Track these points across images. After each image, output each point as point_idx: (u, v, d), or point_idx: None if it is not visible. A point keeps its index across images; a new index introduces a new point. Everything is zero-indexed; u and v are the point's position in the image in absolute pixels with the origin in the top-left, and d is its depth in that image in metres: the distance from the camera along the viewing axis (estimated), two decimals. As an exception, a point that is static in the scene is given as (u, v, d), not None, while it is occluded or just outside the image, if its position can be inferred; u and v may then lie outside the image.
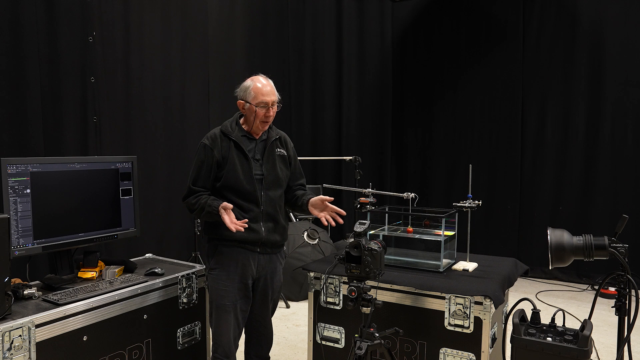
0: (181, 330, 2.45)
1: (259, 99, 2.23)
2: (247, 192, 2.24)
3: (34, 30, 3.14)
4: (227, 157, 2.24)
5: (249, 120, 2.30)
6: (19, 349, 1.77)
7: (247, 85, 2.27)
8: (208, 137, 2.30)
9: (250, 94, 2.24)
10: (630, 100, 4.69)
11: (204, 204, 2.19)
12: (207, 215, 2.20)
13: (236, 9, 5.06)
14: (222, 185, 2.24)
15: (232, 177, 2.23)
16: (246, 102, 2.26)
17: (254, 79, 2.29)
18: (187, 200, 2.26)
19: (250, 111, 2.26)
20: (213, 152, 2.25)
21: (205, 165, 2.25)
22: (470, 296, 2.13)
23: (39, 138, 3.19)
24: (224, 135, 2.29)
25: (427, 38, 5.75)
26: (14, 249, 2.08)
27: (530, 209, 5.20)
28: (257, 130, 2.31)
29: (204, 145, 2.28)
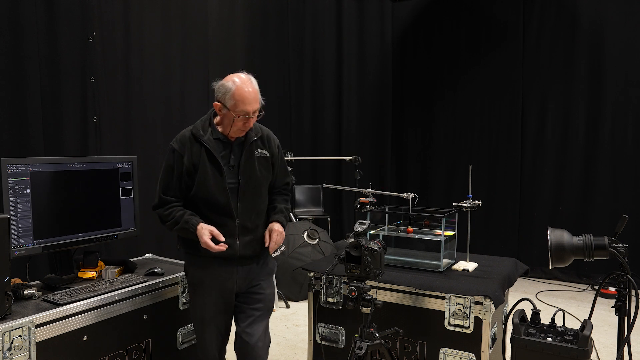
0: (181, 330, 2.44)
1: (239, 107, 1.97)
2: (220, 204, 2.03)
3: (34, 30, 3.14)
4: (198, 164, 2.01)
5: (225, 125, 2.05)
6: (19, 349, 1.77)
7: (228, 88, 2.00)
8: (177, 140, 2.07)
9: (230, 100, 1.98)
10: (630, 100, 4.69)
11: (178, 218, 2.00)
12: (182, 232, 2.02)
13: (236, 9, 5.06)
14: (194, 196, 2.04)
15: (203, 188, 2.01)
16: (224, 107, 2.00)
17: (236, 81, 2.01)
18: (159, 212, 2.07)
19: (227, 117, 2.01)
20: (182, 158, 2.02)
21: (175, 173, 2.04)
22: (470, 296, 2.13)
23: (39, 138, 3.19)
24: (195, 138, 2.04)
25: (427, 38, 5.75)
26: (14, 249, 2.08)
27: (530, 209, 5.20)
28: (229, 134, 2.07)
29: (172, 149, 2.06)
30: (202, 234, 1.96)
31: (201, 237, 1.95)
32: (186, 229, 1.99)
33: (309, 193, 5.82)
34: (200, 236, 1.96)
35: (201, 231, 1.97)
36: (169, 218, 2.04)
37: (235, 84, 2.00)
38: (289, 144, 6.08)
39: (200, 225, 1.98)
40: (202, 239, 1.95)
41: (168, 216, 2.04)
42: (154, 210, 2.10)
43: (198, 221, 1.99)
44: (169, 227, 2.05)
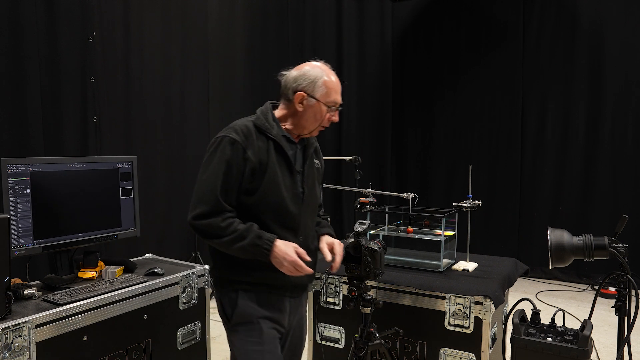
0: (181, 330, 2.44)
1: (331, 97, 1.69)
2: (290, 215, 1.66)
3: (34, 31, 3.14)
4: (266, 163, 1.62)
5: (302, 120, 1.71)
6: (19, 349, 1.77)
7: (317, 75, 1.68)
8: (237, 131, 1.64)
9: (321, 88, 1.67)
10: (630, 100, 4.69)
11: (244, 231, 1.54)
12: (247, 250, 1.55)
13: (236, 9, 5.06)
14: (257, 204, 1.61)
15: (274, 193, 1.62)
16: (310, 97, 1.67)
17: (323, 67, 1.71)
18: (211, 222, 1.56)
19: (313, 110, 1.69)
20: (246, 152, 1.61)
21: (235, 171, 1.60)
22: (470, 296, 2.13)
23: (39, 138, 3.19)
24: (260, 131, 1.67)
25: (427, 38, 5.75)
26: (14, 249, 2.08)
27: (530, 209, 5.20)
28: (304, 133, 1.75)
29: (231, 140, 1.61)
30: (288, 252, 1.55)
31: (286, 254, 1.54)
32: (258, 245, 1.54)
33: (309, 193, 5.80)
34: (284, 254, 1.54)
35: (284, 248, 1.55)
36: (229, 231, 1.55)
37: (324, 70, 1.70)
38: (289, 144, 6.07)
39: (277, 240, 1.57)
40: (288, 257, 1.54)
41: (226, 229, 1.55)
42: (197, 220, 1.58)
43: (273, 235, 1.58)
44: (225, 244, 1.56)
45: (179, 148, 4.35)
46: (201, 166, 1.67)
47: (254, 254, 1.56)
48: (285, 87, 1.72)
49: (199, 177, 1.66)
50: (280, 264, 1.56)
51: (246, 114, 1.84)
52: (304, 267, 1.55)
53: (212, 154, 1.65)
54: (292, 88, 1.70)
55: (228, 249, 1.59)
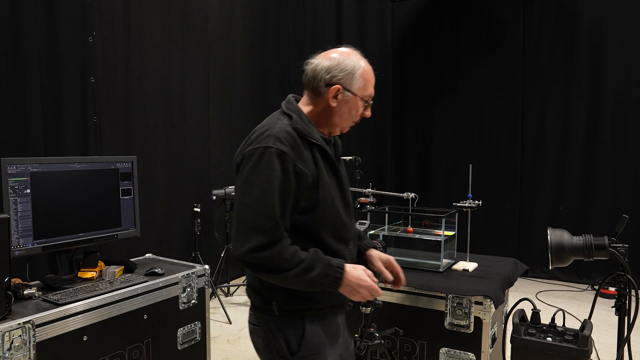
0: (181, 330, 2.44)
1: (368, 90, 1.48)
2: (345, 228, 1.47)
3: (34, 31, 3.14)
4: (317, 175, 1.39)
5: (334, 117, 1.47)
6: (19, 349, 1.77)
7: (354, 66, 1.46)
8: (281, 140, 1.35)
9: (359, 81, 1.45)
10: (630, 100, 4.69)
11: (312, 261, 1.32)
12: (316, 281, 1.32)
13: (236, 9, 5.07)
14: (313, 221, 1.39)
15: (330, 207, 1.41)
16: (347, 91, 1.44)
17: (358, 57, 1.49)
18: (270, 255, 1.29)
19: (348, 106, 1.46)
20: (297, 165, 1.35)
21: (288, 190, 1.34)
22: (470, 296, 2.13)
23: (39, 138, 3.19)
24: (301, 136, 1.40)
25: (427, 38, 5.75)
26: (14, 249, 2.08)
27: (530, 209, 5.20)
28: (335, 132, 1.53)
29: (279, 153, 1.33)
30: (361, 277, 1.36)
31: (360, 280, 1.36)
32: (328, 275, 1.32)
33: (309, 193, 5.81)
34: (357, 280, 1.35)
35: (356, 273, 1.36)
36: (293, 263, 1.30)
37: (360, 59, 1.48)
38: (289, 144, 6.07)
39: (347, 265, 1.37)
40: (363, 282, 1.36)
41: (290, 260, 1.30)
42: (254, 253, 1.29)
43: (340, 260, 1.38)
44: (290, 278, 1.31)
45: (179, 148, 4.35)
46: (240, 185, 1.37)
47: (323, 285, 1.33)
48: (315, 78, 1.45)
49: (242, 200, 1.34)
50: (354, 292, 1.35)
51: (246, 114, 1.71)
52: (379, 289, 1.39)
53: (255, 170, 1.33)
54: (324, 80, 1.44)
55: (292, 282, 1.33)
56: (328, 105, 1.46)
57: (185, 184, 4.43)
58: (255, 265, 1.32)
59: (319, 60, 1.47)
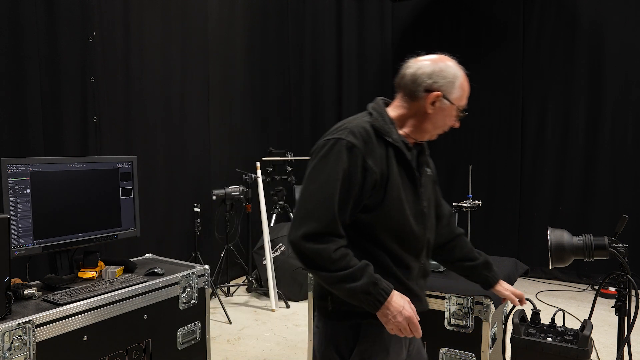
0: (181, 330, 2.44)
1: (463, 101, 1.49)
2: (414, 237, 1.41)
3: (34, 31, 3.14)
4: (387, 175, 1.36)
5: (427, 124, 1.46)
6: (19, 349, 1.77)
7: (455, 75, 1.44)
8: (354, 133, 1.35)
9: (458, 90, 1.45)
10: (630, 100, 4.69)
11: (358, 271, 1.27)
12: (353, 295, 1.28)
13: (236, 9, 5.07)
14: (375, 222, 1.35)
15: (397, 211, 1.36)
16: (445, 99, 1.42)
17: (457, 66, 1.47)
18: (320, 249, 1.27)
19: (444, 114, 1.45)
20: (367, 161, 1.32)
21: (353, 184, 1.31)
22: (470, 296, 2.13)
23: (39, 138, 3.19)
24: (378, 135, 1.39)
25: (427, 38, 5.75)
26: (14, 249, 2.08)
27: (530, 209, 5.20)
28: (423, 139, 1.51)
29: (349, 145, 1.32)
30: (405, 306, 1.31)
31: (403, 309, 1.30)
32: (370, 293, 1.27)
33: (309, 193, 5.81)
34: (400, 307, 1.30)
35: (401, 301, 1.31)
36: (340, 266, 1.27)
37: (460, 68, 1.47)
38: (289, 144, 6.08)
39: (394, 291, 1.32)
40: (406, 312, 1.30)
41: (338, 262, 1.27)
42: (308, 241, 1.28)
43: (390, 285, 1.32)
44: (331, 280, 1.28)
45: (179, 148, 4.35)
46: (307, 173, 1.36)
47: (361, 301, 1.28)
48: (414, 82, 1.41)
49: (307, 186, 1.34)
50: (392, 321, 1.29)
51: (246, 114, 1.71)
52: (419, 327, 1.32)
53: (323, 160, 1.33)
54: (424, 85, 1.40)
55: (334, 286, 1.29)
56: (423, 111, 1.44)
57: (185, 184, 4.43)
58: (303, 254, 1.29)
59: (419, 64, 1.44)
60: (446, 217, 1.73)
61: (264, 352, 3.32)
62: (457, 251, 1.70)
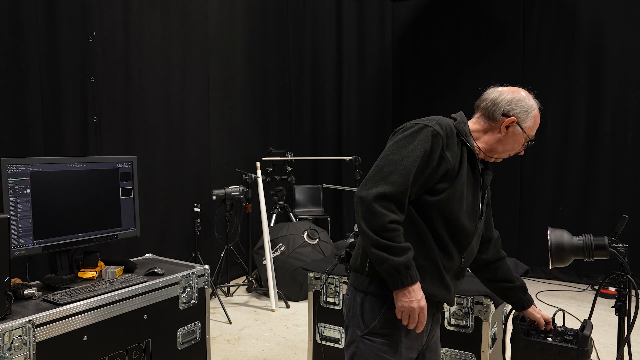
0: (181, 330, 2.44)
1: (533, 131, 1.61)
2: (462, 231, 1.51)
3: (34, 31, 3.14)
4: (457, 169, 1.49)
5: (499, 145, 1.60)
6: (19, 349, 1.77)
7: (531, 106, 1.59)
8: (441, 125, 1.49)
9: (531, 121, 1.59)
10: (630, 100, 4.69)
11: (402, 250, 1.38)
12: (382, 265, 1.39)
13: (236, 9, 5.07)
14: (434, 206, 1.46)
15: (456, 202, 1.48)
16: (518, 125, 1.57)
17: (534, 100, 1.62)
18: (382, 213, 1.37)
19: (514, 139, 1.59)
20: (445, 151, 1.46)
21: (430, 164, 1.44)
22: (470, 296, 2.13)
23: (39, 138, 3.19)
24: (458, 135, 1.54)
25: (427, 38, 5.75)
26: (14, 249, 2.08)
27: (530, 209, 5.20)
28: (492, 157, 1.64)
29: (434, 132, 1.45)
30: (419, 296, 1.41)
31: (421, 300, 1.41)
32: (399, 272, 1.37)
33: (309, 193, 5.82)
34: (418, 298, 1.40)
35: (420, 294, 1.41)
36: (390, 237, 1.37)
37: (536, 103, 1.62)
38: (289, 144, 6.08)
39: (418, 283, 1.42)
40: (422, 302, 1.41)
41: (390, 232, 1.37)
42: (379, 201, 1.37)
43: (418, 276, 1.42)
44: (373, 242, 1.38)
45: (179, 148, 4.35)
46: (389, 145, 1.48)
47: (387, 274, 1.39)
48: (495, 105, 1.60)
49: (386, 155, 1.45)
50: (407, 305, 1.40)
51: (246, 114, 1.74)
52: (424, 322, 1.44)
53: (408, 137, 1.45)
54: (503, 110, 1.58)
55: (372, 247, 1.38)
56: (496, 132, 1.60)
57: (185, 184, 4.43)
58: (367, 210, 1.37)
59: (501, 91, 1.62)
60: (494, 239, 1.85)
61: (264, 352, 3.32)
62: (499, 272, 1.81)
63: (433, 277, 1.49)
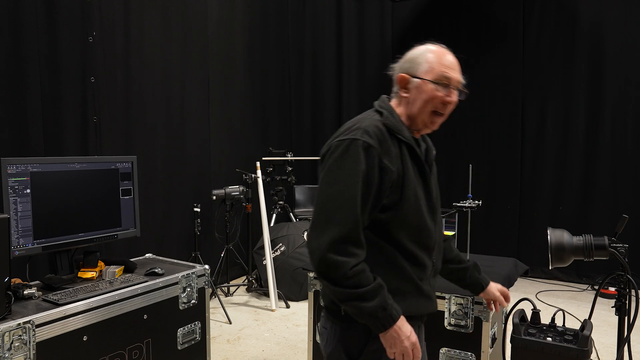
0: (181, 330, 2.44)
1: (437, 70, 1.39)
2: (428, 234, 1.40)
3: (34, 31, 3.14)
4: (403, 173, 1.34)
5: (411, 109, 1.41)
6: (19, 349, 1.76)
7: (419, 53, 1.44)
8: (369, 133, 1.31)
9: (424, 65, 1.40)
10: (630, 100, 4.69)
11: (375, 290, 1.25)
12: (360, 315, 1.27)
13: (236, 9, 5.07)
14: (393, 221, 1.33)
15: (415, 208, 1.35)
16: (413, 77, 1.40)
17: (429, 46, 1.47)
18: (340, 263, 1.23)
19: (418, 91, 1.39)
20: (383, 161, 1.30)
21: (372, 185, 1.29)
22: (470, 296, 2.13)
23: (39, 138, 3.19)
24: (391, 133, 1.36)
25: (427, 38, 5.72)
26: (14, 249, 2.08)
27: (530, 209, 5.20)
28: (421, 128, 1.45)
29: (365, 146, 1.29)
30: (412, 332, 1.30)
31: (411, 335, 1.30)
32: (377, 317, 1.25)
33: (309, 193, 5.82)
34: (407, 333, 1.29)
35: (407, 327, 1.30)
36: (355, 283, 1.25)
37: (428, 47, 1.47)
38: (289, 144, 6.08)
39: (402, 317, 1.30)
40: (413, 337, 1.30)
41: (354, 278, 1.24)
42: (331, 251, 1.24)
43: (399, 310, 1.30)
44: (341, 295, 1.26)
45: (179, 148, 4.35)
46: (323, 175, 1.32)
47: (367, 321, 1.27)
48: (393, 77, 1.46)
49: (324, 189, 1.30)
50: (395, 343, 1.28)
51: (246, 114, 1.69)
52: (420, 353, 1.32)
53: (340, 161, 1.29)
54: (395, 76, 1.45)
55: (341, 301, 1.27)
56: (402, 98, 1.44)
57: (185, 184, 4.43)
58: (322, 264, 1.25)
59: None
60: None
61: (264, 352, 3.32)
62: (447, 253, 1.68)
63: (412, 294, 1.38)
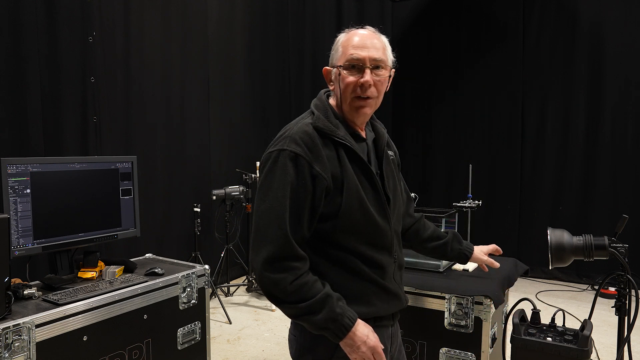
0: (181, 330, 2.44)
1: (347, 55, 1.31)
2: (382, 233, 1.35)
3: (34, 31, 3.14)
4: (341, 176, 1.28)
5: (339, 103, 1.37)
6: (19, 349, 1.77)
7: (336, 42, 1.38)
8: (296, 141, 1.26)
9: (338, 51, 1.35)
10: (630, 100, 4.69)
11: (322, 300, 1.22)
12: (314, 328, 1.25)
13: (236, 9, 5.07)
14: (338, 228, 1.28)
15: (360, 211, 1.29)
16: (332, 67, 1.37)
17: (348, 31, 1.38)
18: (277, 280, 1.21)
19: (337, 81, 1.35)
20: (314, 168, 1.25)
21: (303, 196, 1.24)
22: (470, 296, 2.13)
23: (39, 138, 3.19)
24: (323, 135, 1.30)
25: (427, 38, 5.75)
26: (14, 249, 2.08)
27: (530, 209, 5.20)
28: (354, 118, 1.37)
29: (292, 156, 1.25)
30: (368, 336, 1.26)
31: (368, 339, 1.26)
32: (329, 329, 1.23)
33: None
34: (365, 337, 1.25)
35: (366, 331, 1.26)
36: (299, 298, 1.22)
37: (344, 32, 1.39)
38: (289, 144, 6.07)
39: (359, 322, 1.26)
40: (371, 341, 1.26)
41: (296, 294, 1.21)
42: (266, 269, 1.22)
43: (354, 315, 1.26)
44: (290, 313, 1.25)
45: (179, 148, 4.35)
46: (257, 191, 1.30)
47: (322, 333, 1.25)
48: None
49: (257, 206, 1.27)
50: (354, 350, 1.25)
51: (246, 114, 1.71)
52: (383, 356, 1.28)
53: (269, 176, 1.26)
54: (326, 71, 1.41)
55: (291, 317, 1.26)
56: (333, 91, 1.39)
57: (185, 184, 4.43)
58: (262, 284, 1.24)
59: None
60: (410, 208, 1.69)
61: (264, 352, 3.32)
62: (422, 232, 1.67)
63: (378, 295, 1.34)
